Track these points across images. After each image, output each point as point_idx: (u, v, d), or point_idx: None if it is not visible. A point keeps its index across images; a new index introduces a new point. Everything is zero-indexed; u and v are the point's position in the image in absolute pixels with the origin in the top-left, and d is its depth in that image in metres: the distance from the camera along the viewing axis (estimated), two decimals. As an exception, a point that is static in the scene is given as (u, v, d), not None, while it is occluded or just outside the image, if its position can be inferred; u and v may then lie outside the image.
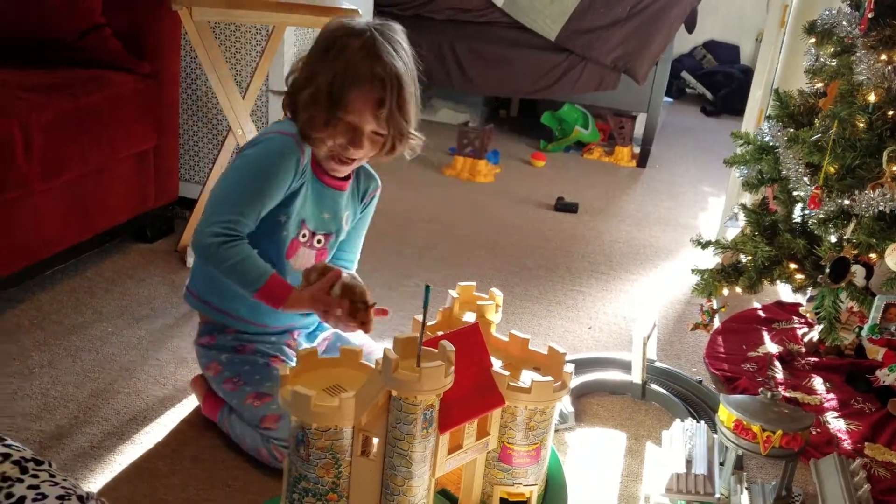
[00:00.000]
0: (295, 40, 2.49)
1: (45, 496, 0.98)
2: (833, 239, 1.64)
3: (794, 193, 1.72)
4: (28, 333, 1.81)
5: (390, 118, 1.42)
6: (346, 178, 1.56)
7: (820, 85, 1.81)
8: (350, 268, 1.65)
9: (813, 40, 1.77)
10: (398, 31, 1.47)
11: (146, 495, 1.35)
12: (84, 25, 2.04)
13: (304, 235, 1.52)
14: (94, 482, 1.37)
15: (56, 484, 1.01)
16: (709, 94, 5.34)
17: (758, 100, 2.48)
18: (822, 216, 1.60)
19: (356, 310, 1.41)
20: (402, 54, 1.44)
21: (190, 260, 2.15)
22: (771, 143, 1.83)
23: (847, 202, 1.57)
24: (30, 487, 0.99)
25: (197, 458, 1.46)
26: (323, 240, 1.56)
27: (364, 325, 1.42)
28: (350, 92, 1.39)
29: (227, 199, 1.42)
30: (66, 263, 2.11)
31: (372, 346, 1.64)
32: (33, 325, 1.85)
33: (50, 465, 1.05)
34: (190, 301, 1.59)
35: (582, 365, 1.85)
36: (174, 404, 1.62)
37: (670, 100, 4.78)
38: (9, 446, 1.05)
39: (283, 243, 1.50)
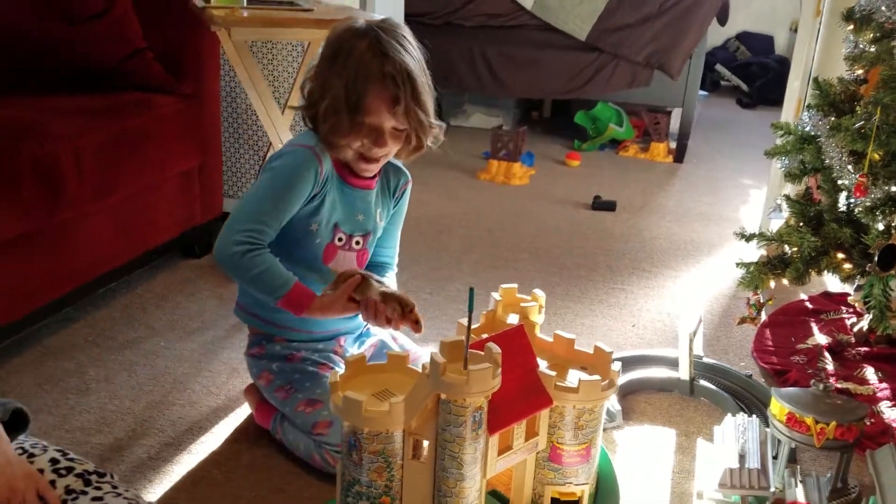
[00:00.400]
0: (329, 53, 2.53)
1: (109, 506, 1.01)
2: (881, 226, 1.61)
3: (839, 182, 1.69)
4: (83, 350, 1.87)
5: (408, 113, 1.44)
6: (374, 176, 1.58)
7: (860, 72, 1.78)
8: (390, 262, 1.68)
9: (851, 27, 1.74)
10: (400, 27, 1.49)
11: (204, 503, 1.39)
12: (127, 50, 2.10)
13: (340, 239, 1.55)
14: (154, 492, 1.41)
15: (119, 495, 1.04)
16: (744, 86, 5.27)
17: (796, 89, 2.45)
18: (868, 204, 1.58)
19: (405, 312, 1.45)
20: (409, 48, 1.46)
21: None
22: (812, 133, 1.80)
23: (894, 189, 1.55)
24: (94, 500, 1.02)
25: (252, 465, 1.49)
26: (361, 241, 1.58)
27: (416, 325, 1.45)
28: (366, 94, 1.42)
29: (248, 211, 1.46)
30: (118, 281, 2.17)
31: (417, 351, 1.65)
32: (88, 342, 1.90)
33: (112, 477, 1.09)
34: (239, 315, 1.63)
35: (627, 363, 1.84)
36: (228, 414, 1.65)
37: (705, 93, 4.73)
38: (72, 460, 1.08)
39: (318, 249, 1.53)
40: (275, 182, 1.47)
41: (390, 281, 1.65)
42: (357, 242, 1.58)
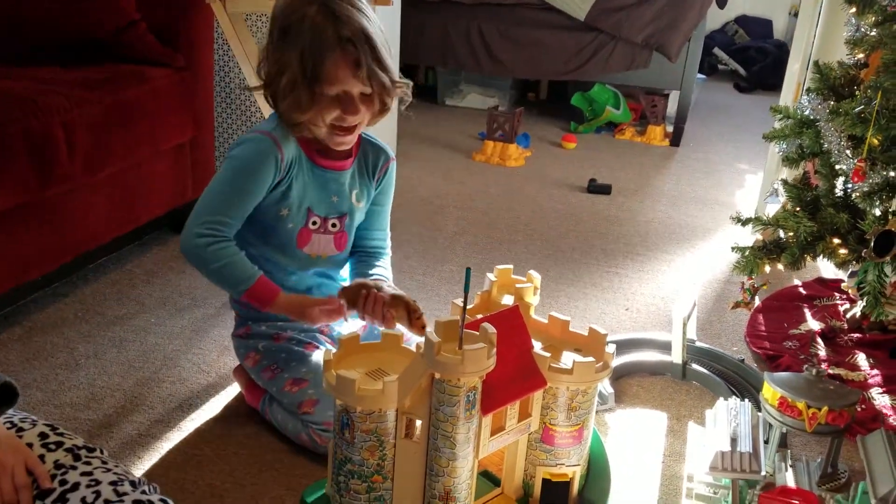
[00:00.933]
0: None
1: (98, 482, 1.00)
2: (878, 212, 1.60)
3: (837, 167, 1.69)
4: (73, 326, 1.85)
5: (371, 75, 1.39)
6: (348, 156, 1.54)
7: (861, 55, 1.77)
8: (383, 247, 1.65)
9: (853, 10, 1.73)
10: None
11: (195, 481, 1.38)
12: (120, 22, 2.07)
13: (314, 223, 1.52)
14: (143, 469, 1.41)
15: (108, 470, 1.03)
16: (742, 70, 5.26)
17: (795, 73, 2.43)
18: (866, 189, 1.57)
19: (412, 318, 1.45)
20: (361, 6, 1.41)
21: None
22: (811, 117, 1.79)
23: (892, 174, 1.54)
24: (83, 474, 1.01)
25: (243, 443, 1.49)
26: (338, 223, 1.55)
27: (422, 330, 1.44)
28: (323, 63, 1.36)
29: (210, 203, 1.44)
30: (108, 257, 2.15)
31: (409, 334, 1.64)
32: (78, 317, 1.89)
33: (101, 453, 1.08)
34: (232, 306, 1.63)
35: (620, 346, 1.84)
36: (218, 391, 1.64)
37: (703, 77, 4.71)
38: (61, 434, 1.07)
39: (291, 234, 1.51)
40: (234, 173, 1.43)
41: (386, 268, 1.63)
42: (333, 225, 1.54)
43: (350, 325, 1.61)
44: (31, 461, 1.00)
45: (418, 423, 1.19)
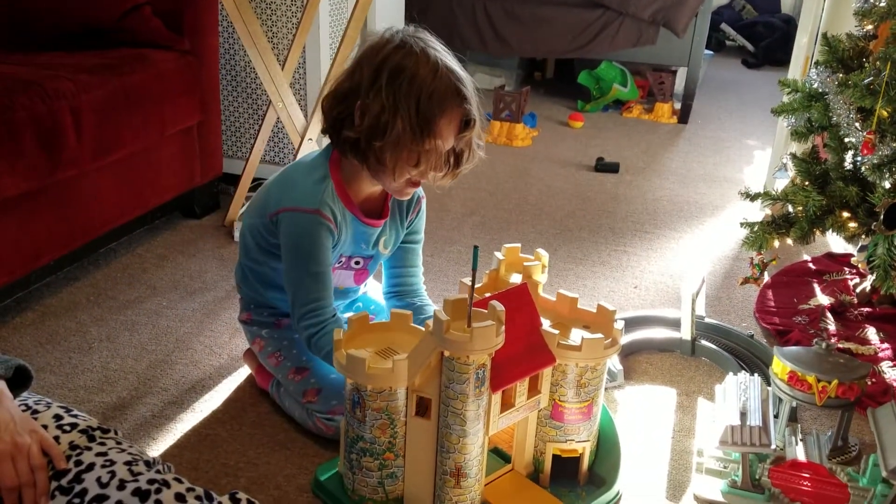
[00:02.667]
0: (330, 9, 2.49)
1: (113, 462, 1.01)
2: (887, 185, 1.59)
3: (846, 140, 1.67)
4: (85, 310, 1.87)
5: (470, 138, 1.37)
6: (386, 212, 1.51)
7: (870, 27, 1.75)
8: (418, 282, 1.62)
9: (862, -19, 1.71)
10: (431, 37, 1.36)
11: (209, 460, 1.39)
12: (125, 6, 2.06)
13: (340, 262, 1.51)
14: (158, 449, 1.42)
15: (123, 451, 1.04)
16: (749, 46, 5.21)
17: (804, 46, 2.41)
18: (875, 161, 1.56)
19: None
20: (455, 59, 1.36)
21: (237, 234, 2.18)
22: (820, 90, 1.78)
23: (902, 146, 1.53)
24: (98, 455, 1.02)
25: (256, 423, 1.50)
26: (361, 262, 1.54)
27: None
28: (441, 116, 1.30)
29: (298, 294, 1.42)
30: (119, 241, 2.16)
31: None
32: (90, 301, 1.90)
33: (116, 434, 1.09)
34: (238, 290, 1.64)
35: (629, 323, 1.84)
36: (230, 373, 1.66)
37: (710, 53, 4.67)
38: (75, 416, 1.08)
39: None
40: (302, 259, 1.40)
41: (425, 302, 1.60)
42: (357, 262, 1.54)
43: None
44: (46, 442, 1.01)
45: (428, 400, 1.19)
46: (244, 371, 1.66)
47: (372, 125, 1.31)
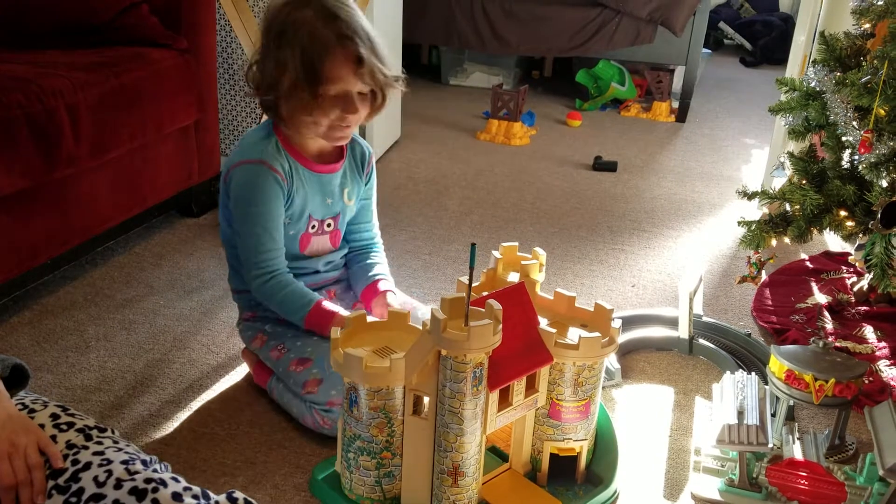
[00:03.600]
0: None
1: (110, 461, 1.01)
2: (884, 183, 1.60)
3: (843, 139, 1.68)
4: (82, 309, 1.86)
5: (372, 72, 1.40)
6: (340, 157, 1.56)
7: (867, 26, 1.75)
8: (374, 240, 1.68)
9: (859, -21, 1.71)
10: None
11: (206, 459, 1.39)
12: (121, 3, 2.06)
13: (313, 227, 1.56)
14: (155, 449, 1.42)
15: (120, 450, 1.04)
16: (748, 45, 5.22)
17: (801, 45, 2.41)
18: (872, 160, 1.56)
19: None
20: (352, 5, 1.42)
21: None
22: (817, 89, 1.78)
23: (899, 145, 1.53)
24: (95, 454, 1.02)
25: (253, 422, 1.50)
26: (332, 223, 1.59)
27: None
28: (325, 63, 1.36)
29: (248, 246, 1.48)
30: (116, 240, 2.16)
31: (414, 303, 1.65)
32: (87, 300, 1.90)
33: (113, 433, 1.09)
34: (235, 299, 1.66)
35: (626, 322, 1.84)
36: (228, 372, 1.65)
37: (708, 51, 4.67)
38: (72, 415, 1.08)
39: (293, 241, 1.55)
40: (248, 211, 1.46)
41: (383, 262, 1.66)
42: (328, 225, 1.59)
43: None
44: (43, 441, 1.01)
45: (426, 399, 1.19)
46: (241, 370, 1.66)
47: (267, 82, 1.41)
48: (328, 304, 1.49)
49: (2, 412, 1.00)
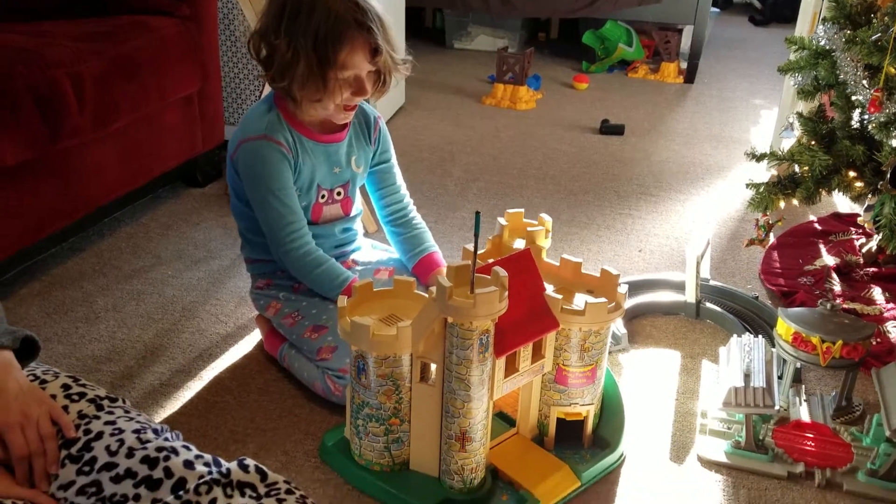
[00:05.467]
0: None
1: (121, 430, 1.02)
2: (894, 143, 1.58)
3: (853, 98, 1.65)
4: (91, 280, 1.87)
5: (385, 60, 1.42)
6: (344, 126, 1.55)
7: (879, -18, 1.71)
8: (406, 204, 1.67)
9: (871, -66, 1.67)
10: None
11: (216, 427, 1.41)
12: (121, -29, 2.04)
13: (322, 196, 1.56)
14: (166, 417, 1.44)
15: (131, 419, 1.05)
16: (757, 3, 5.12)
17: (811, 2, 2.36)
18: (882, 120, 1.54)
19: None
20: None
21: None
22: (827, 47, 1.75)
23: (910, 104, 1.51)
24: (106, 423, 1.03)
25: (262, 390, 1.51)
26: (342, 191, 1.59)
27: None
28: (341, 48, 1.36)
29: (270, 222, 1.48)
30: (123, 210, 2.16)
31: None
32: (95, 271, 1.91)
33: (124, 402, 1.10)
34: (248, 269, 1.66)
35: (633, 287, 1.84)
36: (237, 341, 1.67)
37: (717, 10, 4.59)
38: (83, 385, 1.09)
39: (307, 211, 1.55)
40: (260, 187, 1.46)
41: (424, 230, 1.65)
42: (338, 193, 1.58)
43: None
44: (55, 412, 1.02)
45: (433, 366, 1.20)
46: (251, 339, 1.67)
47: (280, 65, 1.39)
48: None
49: (13, 383, 1.01)
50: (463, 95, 3.39)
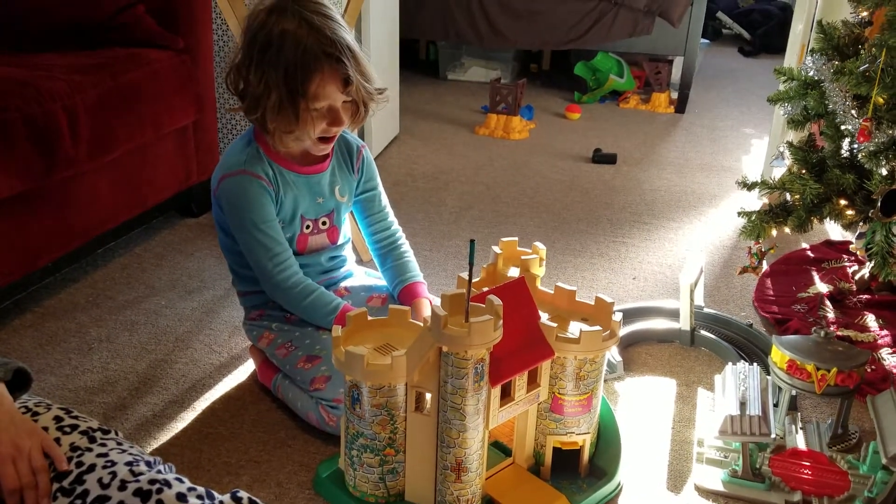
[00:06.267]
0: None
1: (114, 463, 1.01)
2: (884, 171, 1.59)
3: (842, 127, 1.67)
4: (85, 310, 1.87)
5: (357, 89, 1.42)
6: (325, 156, 1.56)
7: (865, 14, 1.74)
8: (394, 231, 1.68)
9: (856, -33, 1.70)
10: None
11: (210, 459, 1.40)
12: (118, 4, 2.06)
13: (307, 227, 1.56)
14: (159, 449, 1.42)
15: (124, 451, 1.05)
16: (746, 34, 5.20)
17: (799, 34, 2.40)
18: (871, 149, 1.56)
19: None
20: (333, 14, 1.41)
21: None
22: (816, 78, 1.77)
23: (898, 133, 1.53)
24: (99, 455, 1.02)
25: (256, 421, 1.50)
26: (327, 221, 1.59)
27: None
28: (311, 81, 1.37)
29: (256, 256, 1.48)
30: (117, 241, 2.16)
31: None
32: (88, 302, 1.90)
33: (116, 434, 1.09)
34: (241, 302, 1.65)
35: (628, 315, 1.84)
36: (230, 371, 1.66)
37: (707, 42, 4.66)
38: (76, 417, 1.08)
39: (292, 243, 1.55)
40: (243, 221, 1.47)
41: (411, 259, 1.65)
42: (324, 223, 1.59)
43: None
44: (47, 444, 1.01)
45: (428, 395, 1.20)
46: (244, 369, 1.66)
47: (252, 97, 1.41)
48: (353, 310, 1.50)
49: (5, 415, 1.00)
50: (457, 125, 3.42)
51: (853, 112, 1.62)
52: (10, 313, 1.83)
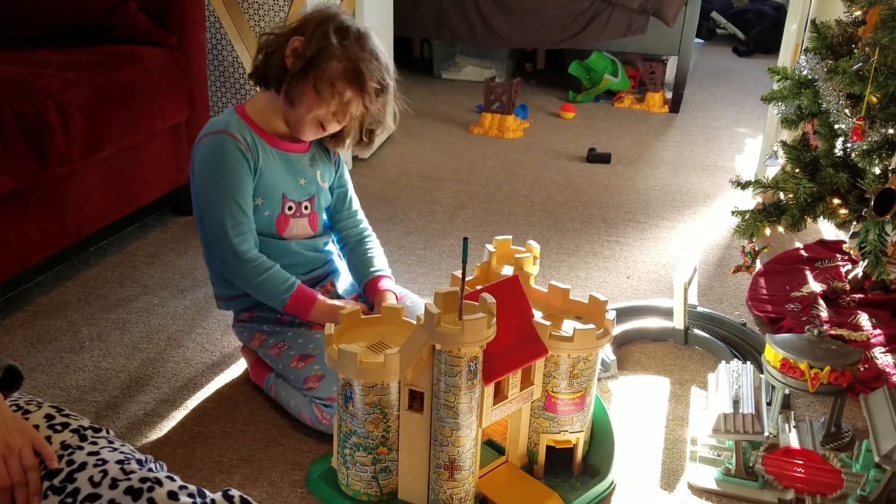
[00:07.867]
0: (317, 2, 2.47)
1: (105, 461, 1.01)
2: (877, 171, 1.60)
3: (836, 126, 1.67)
4: (76, 309, 1.86)
5: (370, 117, 1.52)
6: (304, 142, 1.57)
7: (858, 13, 1.75)
8: (365, 229, 1.69)
9: (850, -33, 1.71)
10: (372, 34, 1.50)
11: (202, 458, 1.39)
12: (110, 2, 2.05)
13: (290, 208, 1.55)
14: (151, 447, 1.42)
15: (115, 450, 1.04)
16: (740, 34, 5.21)
17: (793, 33, 2.41)
18: (865, 148, 1.56)
19: None
20: (383, 55, 1.49)
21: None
22: (809, 77, 1.78)
23: (891, 131, 1.53)
24: (90, 454, 1.02)
25: (249, 420, 1.50)
26: (309, 205, 1.58)
27: None
28: (347, 87, 1.44)
29: (218, 220, 1.46)
30: (109, 239, 2.15)
31: (411, 296, 1.65)
32: (80, 300, 1.89)
33: (108, 433, 1.08)
34: (223, 307, 1.63)
35: (622, 314, 1.84)
36: (222, 370, 1.65)
37: (701, 41, 4.66)
38: (67, 415, 1.08)
39: (270, 222, 1.53)
40: (214, 182, 1.46)
41: (379, 255, 1.66)
42: (306, 207, 1.58)
43: None
44: (37, 442, 1.00)
45: (421, 394, 1.19)
46: (236, 368, 1.66)
47: (308, 58, 1.42)
48: (307, 289, 1.51)
49: None
50: (451, 124, 3.42)
51: (847, 111, 1.62)
52: (1, 311, 1.82)
